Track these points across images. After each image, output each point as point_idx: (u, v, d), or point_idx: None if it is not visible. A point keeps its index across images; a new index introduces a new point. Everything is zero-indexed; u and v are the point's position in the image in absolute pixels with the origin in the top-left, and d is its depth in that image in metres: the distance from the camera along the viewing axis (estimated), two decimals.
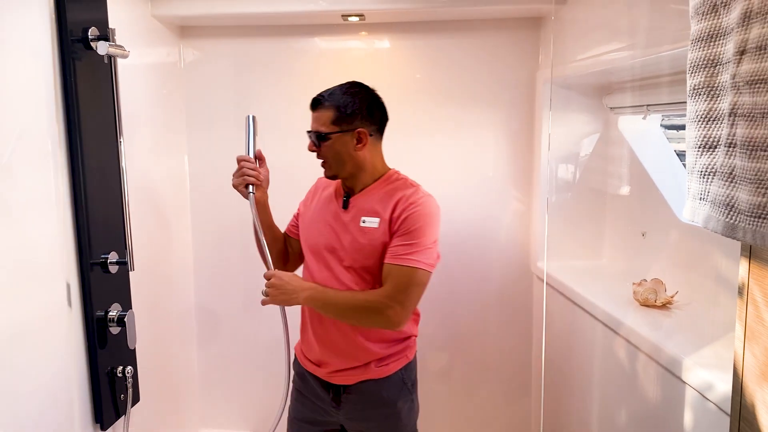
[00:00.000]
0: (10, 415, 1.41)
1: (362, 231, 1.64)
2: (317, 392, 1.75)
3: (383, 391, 1.69)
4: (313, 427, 1.79)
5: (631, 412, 1.57)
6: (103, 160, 1.74)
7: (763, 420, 0.81)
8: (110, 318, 1.76)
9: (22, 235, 1.45)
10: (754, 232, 0.59)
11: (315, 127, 1.66)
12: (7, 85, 1.41)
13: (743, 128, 0.60)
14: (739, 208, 0.61)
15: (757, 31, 0.57)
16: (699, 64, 0.69)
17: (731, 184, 0.63)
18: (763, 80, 0.56)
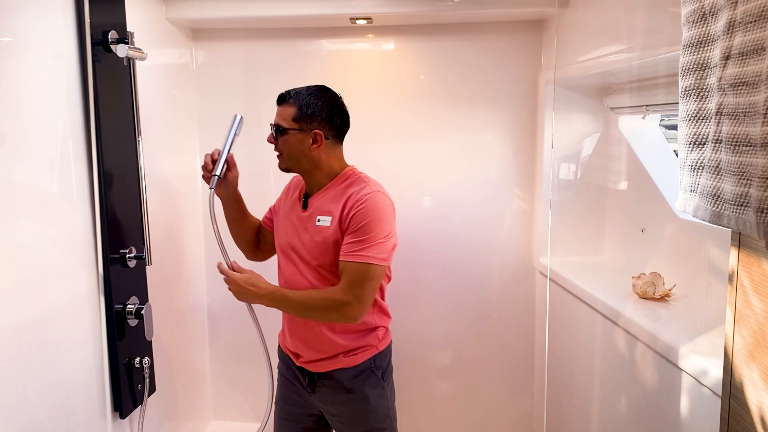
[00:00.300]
0: (36, 401, 1.48)
1: (318, 230, 1.73)
2: (297, 377, 1.85)
3: (352, 379, 1.78)
4: (296, 409, 1.90)
5: (630, 398, 1.64)
6: (121, 159, 1.81)
7: (750, 396, 0.88)
8: (128, 310, 1.84)
9: (46, 231, 1.52)
10: (737, 219, 0.65)
11: (276, 121, 1.76)
12: (31, 86, 1.48)
13: (728, 126, 0.66)
14: (724, 198, 0.68)
15: (739, 38, 0.63)
16: (689, 68, 0.76)
17: (717, 176, 0.69)
18: (744, 83, 0.62)
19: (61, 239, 1.58)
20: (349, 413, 1.81)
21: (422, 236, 2.46)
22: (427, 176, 2.45)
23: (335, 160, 1.78)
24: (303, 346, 1.79)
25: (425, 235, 2.46)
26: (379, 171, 2.24)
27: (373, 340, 1.80)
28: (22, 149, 1.43)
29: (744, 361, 0.89)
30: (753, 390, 0.86)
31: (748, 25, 0.61)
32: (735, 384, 0.92)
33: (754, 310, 0.86)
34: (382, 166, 2.40)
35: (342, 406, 1.81)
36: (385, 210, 1.71)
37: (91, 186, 1.69)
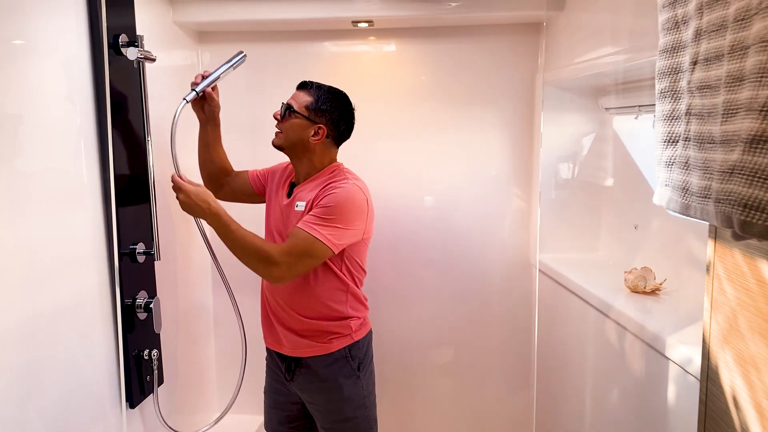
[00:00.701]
0: (50, 390, 1.54)
1: (296, 215, 1.81)
2: (278, 366, 1.97)
3: (327, 368, 1.86)
4: (281, 398, 2.01)
5: (620, 386, 1.70)
6: (132, 158, 1.88)
7: (724, 378, 0.94)
8: (138, 304, 1.90)
9: (60, 226, 1.58)
10: (701, 210, 0.71)
11: (290, 101, 1.86)
12: (46, 87, 1.54)
13: (695, 125, 0.72)
14: (692, 191, 0.74)
15: (704, 45, 0.69)
16: (665, 72, 0.82)
17: (686, 171, 0.76)
18: (708, 86, 0.68)
19: (73, 235, 1.64)
20: (324, 401, 1.90)
21: (422, 234, 2.53)
22: (427, 175, 2.51)
23: (327, 158, 1.88)
24: (281, 327, 1.89)
25: (425, 233, 2.53)
26: (380, 170, 2.31)
27: (347, 330, 1.87)
28: (36, 148, 1.49)
29: (719, 345, 0.96)
30: (727, 372, 0.93)
31: (711, 33, 0.67)
32: (711, 367, 0.99)
33: (728, 297, 0.92)
34: (382, 165, 2.47)
35: (317, 394, 1.90)
36: (355, 203, 1.77)
37: (102, 184, 1.76)
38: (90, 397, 1.72)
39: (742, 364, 0.86)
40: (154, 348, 1.98)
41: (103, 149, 1.75)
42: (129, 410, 1.90)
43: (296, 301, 1.85)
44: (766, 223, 0.56)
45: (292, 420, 2.03)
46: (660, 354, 1.45)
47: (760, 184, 0.56)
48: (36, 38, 1.50)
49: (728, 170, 0.62)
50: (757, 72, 0.56)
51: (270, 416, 2.07)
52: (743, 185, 0.59)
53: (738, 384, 0.88)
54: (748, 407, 0.84)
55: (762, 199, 0.56)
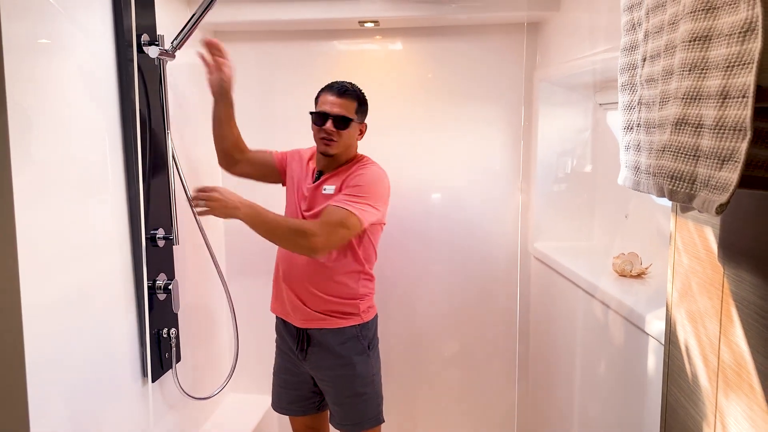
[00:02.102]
0: (77, 361, 1.67)
1: (324, 197, 1.95)
2: (290, 347, 2.10)
3: (340, 346, 2.01)
4: (292, 378, 2.14)
5: (604, 361, 1.81)
6: (153, 150, 2.02)
7: (680, 336, 1.06)
8: (158, 286, 2.04)
9: (86, 213, 1.71)
10: (648, 185, 0.83)
11: (340, 111, 1.93)
12: (72, 84, 1.66)
13: (644, 113, 0.84)
14: (640, 169, 0.86)
15: (650, 44, 0.81)
16: (624, 67, 0.94)
17: (638, 152, 0.88)
18: (652, 79, 0.80)
19: (98, 221, 1.77)
20: (337, 378, 2.03)
21: (426, 225, 2.65)
22: (432, 169, 2.64)
23: (356, 148, 2.05)
24: (294, 300, 2.02)
25: (429, 224, 2.65)
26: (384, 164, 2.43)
27: (356, 309, 2.02)
28: (63, 141, 1.61)
29: (676, 307, 1.08)
30: (682, 330, 1.05)
31: (654, 34, 0.79)
32: (672, 331, 1.10)
33: (684, 265, 1.04)
34: (389, 160, 2.59)
35: (330, 371, 2.04)
36: (383, 183, 1.95)
37: (126, 173, 1.89)
38: (113, 370, 1.85)
39: (692, 320, 0.98)
40: (172, 327, 2.11)
41: (126, 141, 1.89)
42: (149, 384, 2.04)
43: (314, 277, 2.00)
44: (686, 190, 0.68)
45: (303, 399, 2.15)
46: (640, 330, 1.57)
47: (683, 158, 0.68)
48: (62, 37, 1.62)
49: (661, 149, 0.74)
50: (680, 66, 0.68)
51: (280, 396, 2.18)
52: (671, 160, 0.71)
53: (690, 339, 1.00)
54: (697, 357, 0.96)
55: (684, 171, 0.68)
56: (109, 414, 1.82)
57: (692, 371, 1.00)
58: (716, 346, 0.89)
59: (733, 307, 0.84)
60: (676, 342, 1.08)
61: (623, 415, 1.69)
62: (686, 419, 1.02)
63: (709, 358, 0.93)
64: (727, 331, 0.86)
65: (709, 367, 0.93)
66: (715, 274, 0.91)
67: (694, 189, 0.66)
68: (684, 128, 0.67)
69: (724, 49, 0.59)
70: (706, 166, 0.63)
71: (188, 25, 1.98)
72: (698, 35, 0.63)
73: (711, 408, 0.92)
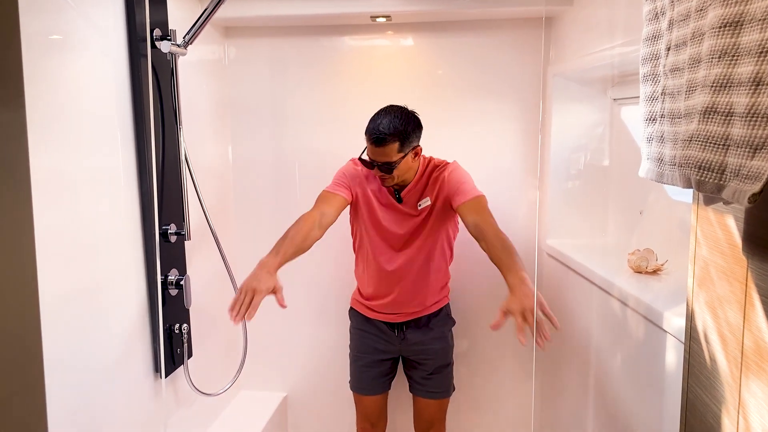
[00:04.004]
0: (86, 361, 1.66)
1: (420, 212, 2.14)
2: (383, 330, 2.29)
3: (439, 321, 2.28)
4: (380, 356, 2.32)
5: (621, 359, 1.80)
6: (165, 146, 2.01)
7: (701, 329, 1.04)
8: (170, 281, 2.03)
9: (98, 208, 1.71)
10: (673, 176, 0.82)
11: (384, 159, 1.99)
12: (86, 80, 1.67)
13: (668, 103, 0.83)
14: (664, 161, 0.84)
15: (675, 33, 0.79)
16: (646, 58, 0.92)
17: (661, 144, 0.86)
18: (677, 68, 0.79)
19: (111, 217, 1.77)
20: (436, 351, 2.27)
21: None
22: None
23: (420, 158, 2.14)
24: (406, 299, 2.21)
25: None
26: None
27: (446, 291, 2.33)
28: (77, 137, 1.61)
29: (697, 302, 1.06)
30: (702, 323, 1.03)
31: (680, 22, 0.77)
32: (692, 326, 1.09)
33: (703, 253, 1.02)
34: None
35: (427, 346, 2.27)
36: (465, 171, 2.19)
37: (138, 169, 1.89)
38: (125, 365, 1.85)
39: (711, 305, 0.97)
40: (184, 322, 2.11)
41: (138, 138, 1.88)
42: (160, 380, 2.04)
43: (431, 274, 2.21)
44: (715, 181, 0.66)
45: (384, 374, 2.35)
46: (657, 327, 1.55)
47: (711, 148, 0.67)
48: (74, 33, 1.62)
49: (688, 138, 0.72)
50: (709, 54, 0.66)
51: (364, 376, 2.34)
52: (698, 150, 0.69)
53: (711, 333, 0.99)
54: (719, 351, 0.94)
55: (712, 161, 0.66)
56: (121, 409, 1.82)
57: (714, 364, 0.98)
58: (740, 338, 0.87)
59: (757, 299, 0.82)
60: (696, 337, 1.06)
61: (642, 413, 1.67)
62: (706, 414, 1.01)
63: (731, 350, 0.91)
64: (750, 322, 0.84)
65: (730, 360, 0.91)
66: (738, 267, 0.89)
67: (723, 179, 0.64)
68: (713, 117, 0.66)
69: (757, 34, 0.57)
70: (736, 156, 0.61)
71: (200, 20, 1.97)
72: (729, 21, 0.61)
73: (733, 401, 0.91)
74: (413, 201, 2.15)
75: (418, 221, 2.15)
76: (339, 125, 2.63)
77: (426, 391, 2.31)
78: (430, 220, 2.15)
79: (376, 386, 2.35)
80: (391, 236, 2.18)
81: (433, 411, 2.33)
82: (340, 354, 2.72)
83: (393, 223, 2.18)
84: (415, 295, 2.22)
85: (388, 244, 2.19)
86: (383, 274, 2.21)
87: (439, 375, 2.30)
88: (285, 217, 2.72)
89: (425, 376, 2.30)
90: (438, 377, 2.30)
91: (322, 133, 2.65)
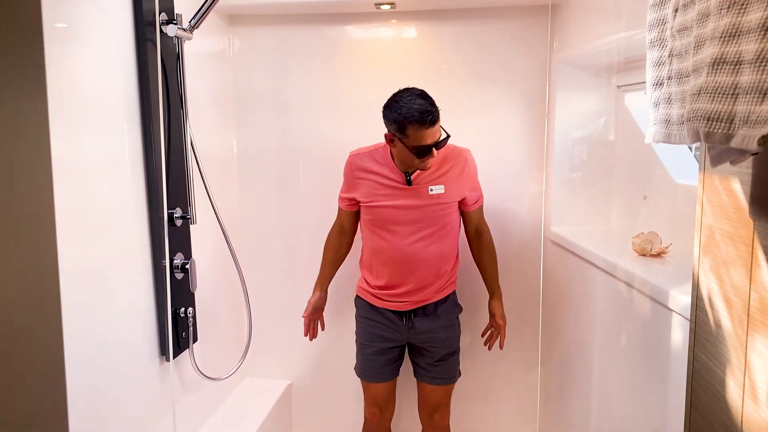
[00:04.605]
0: (93, 342, 1.68)
1: (432, 197, 2.15)
2: (390, 318, 2.28)
3: (446, 309, 2.28)
4: (388, 343, 2.31)
5: (626, 339, 1.80)
6: (170, 131, 2.02)
7: (703, 289, 1.04)
8: (175, 265, 2.04)
9: (105, 192, 1.72)
10: (680, 134, 0.82)
11: (436, 139, 2.02)
12: (93, 64, 1.68)
13: (676, 64, 0.83)
14: (671, 121, 0.85)
15: None
16: (653, 23, 0.93)
17: (668, 105, 0.86)
18: (685, 27, 0.79)
19: (117, 200, 1.78)
20: (444, 338, 2.27)
21: None
22: None
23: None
24: (415, 288, 2.21)
25: None
26: None
27: (454, 278, 2.32)
28: (85, 120, 1.63)
29: (701, 263, 1.06)
30: (706, 283, 1.03)
31: None
32: (698, 295, 1.09)
33: (708, 218, 1.03)
34: None
35: (434, 334, 2.26)
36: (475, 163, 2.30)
37: (145, 153, 1.90)
38: (131, 348, 1.86)
39: (716, 270, 0.97)
40: (189, 306, 2.12)
41: (144, 121, 1.89)
42: (166, 363, 2.05)
43: (441, 264, 2.21)
44: (724, 131, 0.67)
45: (393, 361, 2.35)
46: (662, 305, 1.55)
47: (720, 99, 0.67)
48: (81, 19, 1.62)
49: (696, 92, 0.73)
50: (718, 6, 0.67)
51: (371, 364, 2.33)
52: (707, 102, 0.70)
53: (713, 288, 0.99)
54: (720, 304, 0.95)
55: (721, 111, 0.67)
56: (127, 390, 1.83)
57: (719, 329, 0.98)
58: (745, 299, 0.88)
59: (763, 259, 0.83)
60: (702, 306, 1.06)
61: (647, 394, 1.67)
62: (712, 381, 1.01)
63: (737, 312, 0.92)
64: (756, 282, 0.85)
65: (735, 322, 0.92)
66: (744, 230, 0.90)
67: (732, 128, 0.65)
68: (721, 67, 0.66)
69: None
70: (745, 103, 0.62)
71: (206, 5, 1.98)
72: None
73: (738, 363, 0.91)
74: (424, 184, 2.14)
75: (430, 205, 2.14)
76: (343, 114, 2.64)
77: (432, 378, 2.32)
78: (443, 206, 2.16)
79: (385, 374, 2.34)
80: (401, 220, 2.17)
81: (439, 397, 2.33)
82: (344, 342, 2.73)
83: (403, 207, 2.16)
84: (424, 282, 2.21)
85: (398, 229, 2.18)
86: (392, 260, 2.20)
87: (446, 362, 2.30)
88: (289, 205, 2.74)
89: (432, 363, 2.30)
90: (444, 364, 2.30)
91: (326, 122, 2.66)
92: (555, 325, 2.54)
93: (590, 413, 2.11)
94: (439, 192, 2.14)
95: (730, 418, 0.95)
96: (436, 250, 2.18)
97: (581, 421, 2.20)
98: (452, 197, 2.17)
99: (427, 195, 2.14)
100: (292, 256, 2.79)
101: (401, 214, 2.16)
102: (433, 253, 2.18)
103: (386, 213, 2.17)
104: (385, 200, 2.17)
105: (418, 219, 2.15)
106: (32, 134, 0.79)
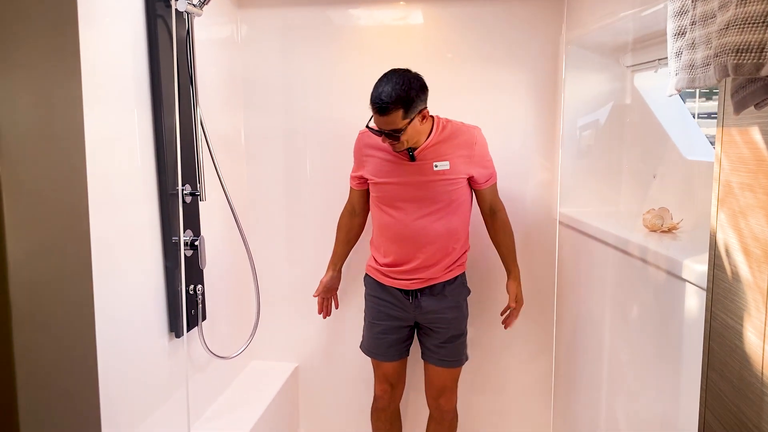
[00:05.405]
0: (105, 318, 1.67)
1: (436, 173, 2.11)
2: (398, 297, 2.28)
3: (454, 290, 2.27)
4: (396, 322, 2.31)
5: (640, 313, 1.79)
6: (180, 106, 2.02)
7: (720, 239, 1.04)
8: (184, 242, 2.04)
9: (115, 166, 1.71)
10: (705, 76, 0.82)
11: (391, 127, 1.99)
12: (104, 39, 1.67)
13: (699, 8, 0.83)
14: (695, 65, 0.84)
15: None
16: None
17: (692, 50, 0.86)
18: None
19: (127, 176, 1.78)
20: (448, 320, 2.26)
21: None
22: None
23: (430, 118, 2.13)
24: (423, 267, 2.20)
25: None
26: None
27: (463, 259, 2.30)
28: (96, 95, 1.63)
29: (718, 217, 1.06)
30: (723, 236, 1.03)
31: None
32: (717, 249, 1.08)
33: (725, 171, 1.03)
34: None
35: (441, 314, 2.26)
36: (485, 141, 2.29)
37: (155, 129, 1.90)
38: (142, 324, 1.86)
39: (733, 218, 0.97)
40: (198, 283, 2.12)
41: (154, 97, 1.89)
42: (175, 339, 2.05)
43: (450, 242, 2.21)
44: (754, 60, 0.67)
45: (402, 341, 2.35)
46: (677, 277, 1.55)
47: (750, 29, 0.67)
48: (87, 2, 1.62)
49: (724, 27, 0.72)
50: None
51: (379, 343, 2.34)
52: (736, 34, 0.69)
53: (731, 239, 0.99)
54: (739, 255, 0.95)
55: (751, 41, 0.67)
56: (136, 368, 1.83)
57: (738, 282, 0.98)
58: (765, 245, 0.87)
59: None
60: (720, 263, 1.06)
61: (661, 365, 1.66)
62: (731, 336, 1.01)
63: (755, 260, 0.91)
64: None
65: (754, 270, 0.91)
66: (765, 179, 0.90)
67: (762, 57, 0.65)
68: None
69: None
70: None
71: None
72: None
73: (758, 314, 0.91)
74: (428, 160, 2.13)
75: (435, 181, 2.14)
76: (349, 96, 2.63)
77: (438, 359, 2.31)
78: (448, 182, 2.15)
79: (393, 353, 2.34)
80: (407, 196, 2.17)
81: (445, 379, 2.32)
82: (351, 325, 2.73)
83: (408, 184, 2.16)
84: (432, 259, 2.19)
85: (404, 205, 2.18)
86: (399, 236, 2.20)
87: (453, 344, 2.29)
88: (296, 187, 2.74)
89: (438, 344, 2.29)
90: (451, 346, 2.29)
91: (332, 104, 2.65)
92: (567, 306, 2.53)
93: (603, 390, 2.10)
94: (444, 168, 2.13)
95: (748, 368, 0.95)
96: (442, 227, 2.17)
97: (594, 399, 2.19)
98: (458, 173, 2.15)
99: (431, 171, 2.13)
100: (298, 238, 2.78)
101: (406, 190, 2.15)
102: (440, 230, 2.17)
103: (391, 189, 2.17)
104: (390, 177, 2.17)
105: (424, 195, 2.15)
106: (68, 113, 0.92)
